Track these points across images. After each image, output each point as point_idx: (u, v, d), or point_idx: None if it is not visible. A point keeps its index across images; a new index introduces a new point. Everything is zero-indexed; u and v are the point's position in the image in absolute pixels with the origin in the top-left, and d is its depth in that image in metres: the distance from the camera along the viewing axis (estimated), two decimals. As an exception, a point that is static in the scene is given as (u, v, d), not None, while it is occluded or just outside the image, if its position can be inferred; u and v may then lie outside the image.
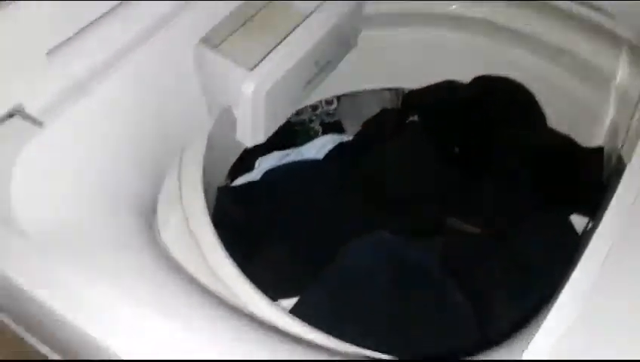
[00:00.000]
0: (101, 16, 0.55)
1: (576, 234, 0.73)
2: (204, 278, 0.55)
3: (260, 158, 0.98)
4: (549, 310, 0.44)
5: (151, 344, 0.43)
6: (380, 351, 0.55)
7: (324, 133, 1.12)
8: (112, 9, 0.56)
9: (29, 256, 0.46)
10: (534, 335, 0.42)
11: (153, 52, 0.59)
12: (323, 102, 1.13)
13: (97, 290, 0.45)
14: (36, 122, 0.51)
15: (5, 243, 0.47)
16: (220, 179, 0.93)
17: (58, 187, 0.51)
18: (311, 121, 1.13)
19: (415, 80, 1.00)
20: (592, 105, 0.86)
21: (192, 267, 0.56)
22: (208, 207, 0.68)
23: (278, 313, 0.55)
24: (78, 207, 0.51)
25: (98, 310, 0.44)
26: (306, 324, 0.56)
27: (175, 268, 0.52)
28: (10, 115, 0.51)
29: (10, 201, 0.47)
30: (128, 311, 0.44)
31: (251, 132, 0.67)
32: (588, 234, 0.69)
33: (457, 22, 0.93)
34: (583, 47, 0.87)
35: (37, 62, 0.51)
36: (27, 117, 0.51)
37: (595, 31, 0.87)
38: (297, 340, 0.54)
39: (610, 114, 0.85)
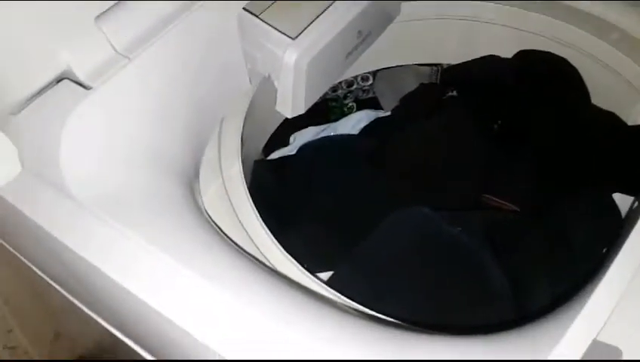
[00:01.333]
0: (147, -17, 0.56)
1: (619, 212, 0.72)
2: (240, 242, 0.55)
3: (294, 134, 0.98)
4: (589, 294, 0.43)
5: (190, 302, 0.44)
6: (414, 323, 0.55)
7: (359, 109, 1.12)
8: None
9: (77, 218, 0.47)
10: (574, 315, 0.41)
11: (198, 19, 0.59)
12: (359, 78, 1.12)
13: (142, 251, 0.45)
14: (84, 86, 0.52)
15: (55, 205, 0.48)
16: (257, 151, 0.93)
17: (104, 151, 0.51)
18: (345, 97, 1.13)
19: (454, 56, 0.99)
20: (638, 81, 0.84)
21: (230, 231, 0.56)
22: (245, 179, 0.68)
23: (309, 280, 0.56)
24: (124, 171, 0.52)
25: (144, 270, 0.45)
26: (339, 294, 0.56)
27: (214, 232, 0.53)
28: (60, 80, 0.52)
29: (59, 164, 0.48)
30: (170, 270, 0.45)
31: (292, 102, 0.67)
32: (633, 213, 0.67)
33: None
34: (631, 21, 0.85)
35: (85, 27, 0.52)
36: (76, 81, 0.52)
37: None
38: (333, 304, 0.54)
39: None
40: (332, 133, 0.99)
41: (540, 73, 0.89)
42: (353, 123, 1.01)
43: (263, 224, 0.61)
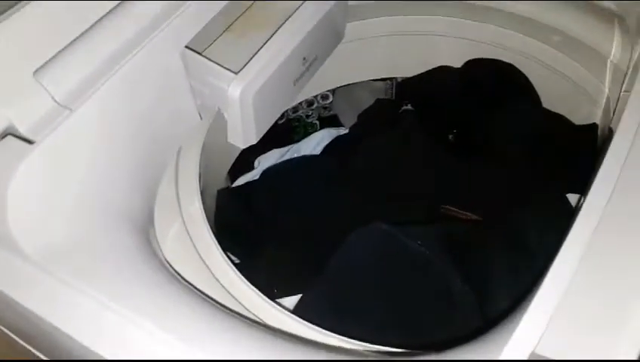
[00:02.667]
0: (85, 31, 0.56)
1: (573, 212, 0.73)
2: (206, 287, 0.56)
3: (259, 157, 0.99)
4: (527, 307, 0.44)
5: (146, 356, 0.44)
6: (383, 344, 0.56)
7: (322, 127, 1.13)
8: (95, 23, 0.57)
9: (29, 276, 0.47)
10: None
11: (141, 61, 0.60)
12: (319, 97, 1.13)
13: (100, 305, 0.45)
14: (28, 141, 0.52)
15: (5, 264, 0.48)
16: (220, 180, 0.94)
17: (52, 205, 0.52)
18: (308, 116, 1.14)
19: (408, 69, 1.00)
20: (586, 84, 0.86)
21: (194, 276, 0.57)
22: (209, 211, 0.69)
23: (279, 315, 0.56)
24: (73, 224, 0.52)
25: (102, 327, 0.45)
26: (308, 323, 0.56)
27: (175, 280, 0.53)
28: (3, 136, 0.52)
29: (7, 222, 0.48)
30: (132, 327, 0.45)
31: (243, 134, 0.68)
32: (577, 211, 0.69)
33: (444, 7, 0.93)
34: (575, 25, 0.87)
35: (24, 82, 0.52)
36: (19, 136, 0.52)
37: (585, 7, 0.86)
38: (302, 340, 0.55)
39: (604, 92, 0.84)
40: (295, 155, 1.00)
41: (490, 80, 0.90)
42: (315, 142, 1.02)
43: (229, 262, 0.61)
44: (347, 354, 0.54)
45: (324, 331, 0.56)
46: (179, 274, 0.57)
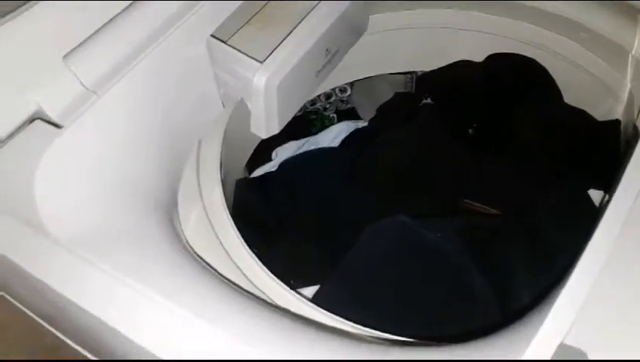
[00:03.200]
0: (113, 18, 0.57)
1: (595, 208, 0.73)
2: (225, 271, 0.56)
3: (276, 149, 0.99)
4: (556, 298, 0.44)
5: (175, 338, 0.44)
6: (400, 335, 0.56)
7: (340, 120, 1.13)
8: (124, 10, 0.57)
9: (55, 256, 0.47)
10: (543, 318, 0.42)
11: (166, 50, 0.60)
12: (337, 90, 1.13)
13: (123, 288, 0.46)
14: (56, 125, 0.53)
15: (32, 245, 0.48)
16: (239, 171, 0.94)
17: (80, 188, 0.52)
18: (325, 109, 1.14)
19: (428, 62, 1.00)
20: (608, 78, 0.85)
21: (214, 260, 0.57)
22: (228, 200, 0.69)
23: (296, 300, 0.56)
24: (100, 207, 0.52)
25: (125, 306, 0.46)
26: (326, 312, 0.56)
27: (196, 262, 0.53)
28: (31, 120, 0.53)
29: (35, 204, 0.49)
30: (153, 306, 0.46)
31: (265, 124, 0.68)
32: (604, 207, 0.69)
33: (467, 0, 0.93)
34: (597, 19, 0.86)
35: (54, 67, 0.53)
36: (47, 120, 0.53)
37: (607, 3, 0.86)
38: (319, 326, 0.55)
39: (626, 86, 0.84)
40: (313, 147, 1.00)
41: (511, 75, 0.90)
42: (333, 135, 1.02)
43: (248, 249, 0.61)
44: (365, 341, 0.54)
45: (340, 319, 0.56)
46: (199, 256, 0.57)
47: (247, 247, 0.60)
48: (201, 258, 0.56)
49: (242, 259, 0.59)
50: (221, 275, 0.56)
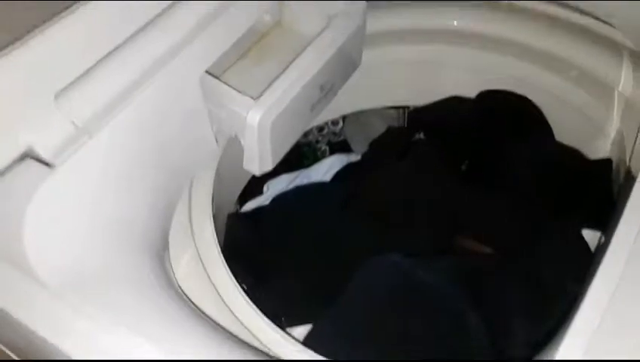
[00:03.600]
0: (105, 56, 0.56)
1: (589, 250, 0.73)
2: (219, 316, 0.55)
3: (268, 182, 0.99)
4: (566, 329, 0.44)
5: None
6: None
7: (332, 152, 1.13)
8: (117, 48, 0.57)
9: (44, 302, 0.46)
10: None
11: (160, 87, 0.60)
12: (329, 123, 1.13)
13: (115, 335, 0.45)
14: (47, 164, 0.52)
15: (20, 289, 0.47)
16: (231, 204, 0.93)
17: (71, 229, 0.51)
18: (318, 141, 1.14)
19: (419, 97, 1.00)
20: (597, 116, 0.86)
21: (208, 305, 0.56)
22: (220, 234, 0.68)
23: (291, 346, 0.55)
24: (90, 249, 0.51)
25: (117, 355, 0.45)
26: (320, 355, 0.55)
27: (189, 308, 0.52)
28: (22, 158, 0.52)
29: (23, 246, 0.48)
30: (146, 354, 0.44)
31: (259, 161, 0.68)
32: (601, 249, 0.68)
33: (459, 37, 0.93)
34: (586, 57, 0.87)
35: (45, 106, 0.52)
36: (39, 159, 0.52)
37: (597, 41, 0.87)
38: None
39: (615, 124, 0.84)
40: (305, 180, 1.00)
41: (503, 112, 0.91)
42: (325, 169, 1.01)
43: (245, 296, 0.60)
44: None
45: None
46: (191, 300, 0.56)
47: (243, 294, 0.59)
48: (194, 303, 0.55)
49: (237, 306, 0.57)
50: (213, 321, 0.54)
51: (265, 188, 0.99)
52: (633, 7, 0.80)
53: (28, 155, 0.52)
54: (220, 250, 0.62)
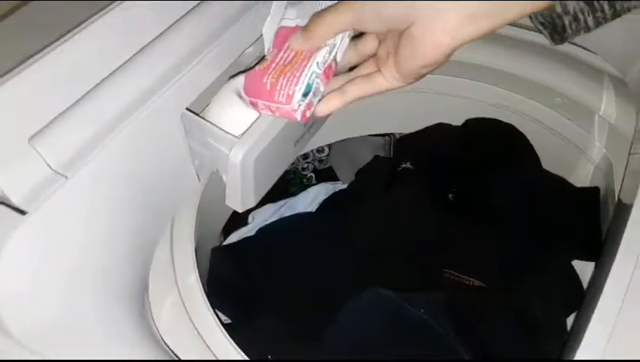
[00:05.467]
0: (83, 96, 0.54)
1: (579, 282, 0.72)
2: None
3: (253, 212, 0.97)
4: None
5: None
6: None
7: (317, 179, 1.12)
8: (94, 87, 0.55)
9: (13, 355, 0.44)
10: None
11: (139, 126, 0.58)
12: (314, 150, 1.12)
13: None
14: (20, 211, 0.50)
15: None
16: (214, 237, 0.91)
17: (44, 279, 0.49)
18: (303, 169, 1.13)
19: (405, 125, 1.00)
20: (583, 142, 0.86)
21: (191, 355, 0.54)
22: (202, 269, 0.66)
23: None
24: (65, 301, 0.49)
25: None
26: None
27: (169, 357, 0.50)
28: (-7, 205, 0.50)
29: (-6, 298, 0.46)
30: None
31: (241, 198, 0.66)
32: (596, 281, 0.67)
33: (444, 66, 0.93)
34: (570, 84, 0.87)
35: (18, 149, 0.50)
36: (10, 206, 0.50)
37: (579, 67, 0.87)
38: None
39: (601, 151, 0.84)
40: (291, 211, 0.98)
41: (489, 140, 0.90)
42: (311, 198, 1.00)
43: (233, 343, 0.58)
44: None
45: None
46: (173, 351, 0.54)
47: (230, 340, 0.57)
48: (176, 355, 0.53)
49: (226, 356, 0.55)
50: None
51: (250, 218, 0.97)
52: (613, 34, 0.80)
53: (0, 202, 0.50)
54: (205, 296, 0.60)
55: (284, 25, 0.62)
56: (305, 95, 0.56)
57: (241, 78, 0.62)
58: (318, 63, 0.56)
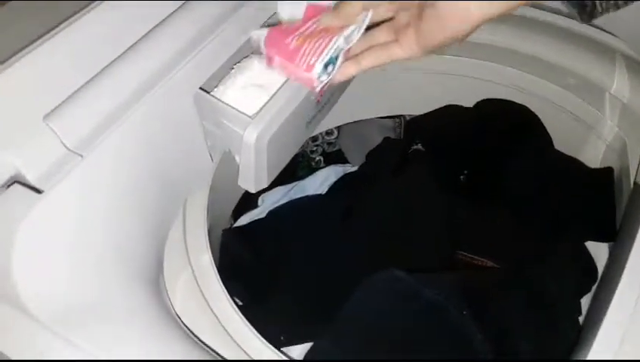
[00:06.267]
0: (96, 75, 0.54)
1: (594, 263, 0.72)
2: (217, 344, 0.53)
3: (263, 195, 0.97)
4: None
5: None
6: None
7: (326, 162, 1.11)
8: (108, 65, 0.55)
9: (32, 335, 0.44)
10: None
11: (153, 105, 0.58)
12: (323, 133, 1.12)
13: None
14: (36, 190, 0.49)
15: (8, 322, 0.45)
16: (225, 219, 0.91)
17: (62, 258, 0.49)
18: (312, 152, 1.12)
19: (416, 106, 0.99)
20: (595, 122, 0.85)
21: (205, 332, 0.54)
22: (214, 251, 0.66)
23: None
24: (82, 278, 0.49)
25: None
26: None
27: (188, 338, 0.50)
28: (9, 185, 0.50)
29: (12, 277, 0.45)
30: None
31: (254, 178, 0.66)
32: (613, 263, 0.67)
33: (455, 46, 0.92)
34: (583, 64, 0.86)
35: (33, 127, 0.50)
36: (26, 185, 0.50)
37: (593, 47, 0.86)
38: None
39: (614, 130, 0.83)
40: (300, 193, 0.98)
41: (502, 121, 0.89)
42: (321, 180, 1.00)
43: (245, 320, 0.58)
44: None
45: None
46: (189, 329, 0.54)
47: (242, 317, 0.57)
48: (191, 331, 0.53)
49: (236, 331, 0.55)
50: (212, 350, 0.52)
51: (260, 201, 0.97)
52: (630, 14, 0.79)
53: (15, 180, 0.50)
54: (218, 276, 0.59)
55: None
56: (326, 67, 0.56)
57: (259, 35, 0.62)
58: (345, 38, 0.56)
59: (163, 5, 0.58)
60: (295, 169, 1.11)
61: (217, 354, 0.52)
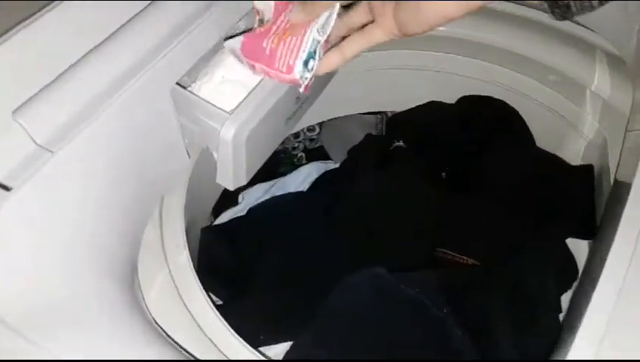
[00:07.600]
0: (69, 68, 0.52)
1: (574, 259, 0.72)
2: (195, 349, 0.52)
3: (243, 192, 0.96)
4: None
5: None
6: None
7: (308, 159, 1.10)
8: (81, 59, 0.53)
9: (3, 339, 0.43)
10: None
11: (128, 100, 0.56)
12: (305, 129, 1.11)
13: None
14: (4, 187, 0.48)
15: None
16: (205, 217, 0.90)
17: (31, 258, 0.47)
18: (294, 148, 1.12)
19: (397, 103, 0.99)
20: (576, 119, 0.85)
21: (185, 338, 0.52)
22: (193, 250, 0.65)
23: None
24: (50, 278, 0.48)
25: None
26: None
27: (163, 340, 0.49)
28: (-24, 182, 0.48)
29: (-21, 278, 0.44)
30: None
31: (233, 176, 0.65)
32: (593, 259, 0.67)
33: (436, 42, 0.92)
34: (563, 60, 0.86)
35: (2, 123, 0.48)
36: (-6, 182, 0.48)
37: (573, 44, 0.86)
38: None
39: (594, 126, 0.84)
40: (282, 190, 0.97)
41: (483, 118, 0.89)
42: (303, 177, 0.99)
43: (225, 323, 0.57)
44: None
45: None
46: (163, 329, 0.53)
47: (222, 319, 0.55)
48: (167, 333, 0.52)
49: (216, 334, 0.54)
50: (189, 354, 0.51)
51: (240, 198, 0.96)
52: (611, 11, 0.79)
53: (-17, 178, 0.48)
54: (195, 275, 0.58)
55: None
56: (306, 64, 0.55)
57: (234, 46, 0.60)
58: (319, 29, 0.54)
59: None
60: (277, 165, 1.10)
61: (192, 355, 0.51)
